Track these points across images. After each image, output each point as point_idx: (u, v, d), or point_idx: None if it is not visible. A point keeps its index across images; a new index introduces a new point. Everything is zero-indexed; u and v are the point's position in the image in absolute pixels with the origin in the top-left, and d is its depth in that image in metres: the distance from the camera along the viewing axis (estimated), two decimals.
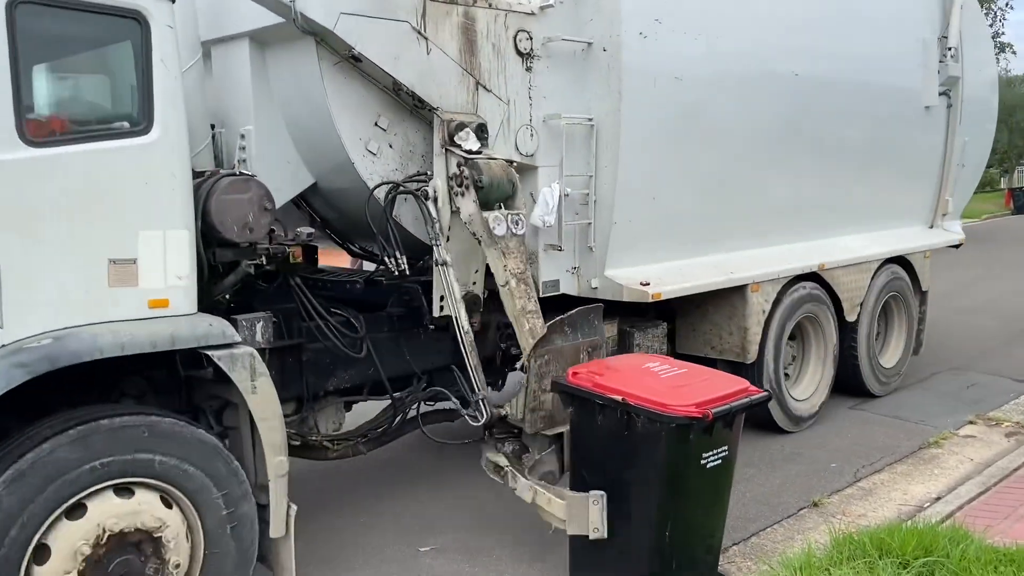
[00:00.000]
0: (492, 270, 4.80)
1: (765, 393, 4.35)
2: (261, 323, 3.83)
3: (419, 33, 4.65)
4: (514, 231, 4.78)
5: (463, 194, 4.68)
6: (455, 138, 4.71)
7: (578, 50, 5.39)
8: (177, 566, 3.42)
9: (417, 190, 4.72)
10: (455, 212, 4.73)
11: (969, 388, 8.15)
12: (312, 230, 4.61)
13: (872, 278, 7.56)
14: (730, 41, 6.01)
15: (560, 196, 5.25)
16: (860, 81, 7.13)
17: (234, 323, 3.77)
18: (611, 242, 5.54)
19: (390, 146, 4.82)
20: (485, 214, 4.67)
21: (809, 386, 7.17)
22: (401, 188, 4.72)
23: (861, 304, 7.44)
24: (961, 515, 5.02)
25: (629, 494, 4.04)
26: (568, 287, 5.60)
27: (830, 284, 7.08)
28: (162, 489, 3.40)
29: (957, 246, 8.76)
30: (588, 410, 4.16)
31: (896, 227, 8.05)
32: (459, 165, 4.66)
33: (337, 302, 4.88)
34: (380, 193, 4.70)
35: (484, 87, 5.02)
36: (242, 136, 4.73)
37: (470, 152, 4.71)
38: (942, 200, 8.44)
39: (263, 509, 3.72)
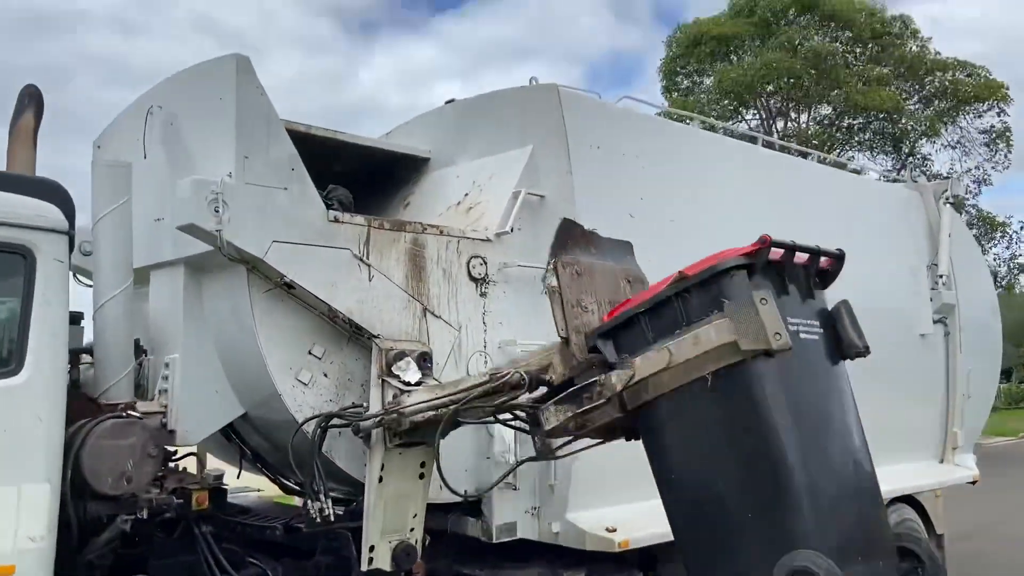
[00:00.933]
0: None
1: None
2: None
3: (361, 260, 4.47)
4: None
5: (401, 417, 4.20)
6: (393, 368, 4.37)
7: (536, 276, 5.16)
8: None
9: (350, 424, 4.29)
10: (389, 449, 4.28)
11: None
12: (221, 472, 4.16)
13: None
14: None
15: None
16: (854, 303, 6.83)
17: None
18: (574, 479, 5.03)
19: (325, 375, 4.48)
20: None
21: None
22: (332, 421, 4.31)
23: None
24: None
25: None
26: (527, 531, 5.02)
27: None
28: None
29: (972, 483, 8.07)
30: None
31: (900, 462, 7.43)
32: (395, 397, 4.28)
33: (257, 551, 4.35)
34: (309, 426, 4.29)
35: (432, 313, 4.76)
36: (166, 365, 4.44)
37: (408, 384, 4.34)
38: (950, 433, 7.88)
39: None
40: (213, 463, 4.90)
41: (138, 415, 3.83)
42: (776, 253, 3.24)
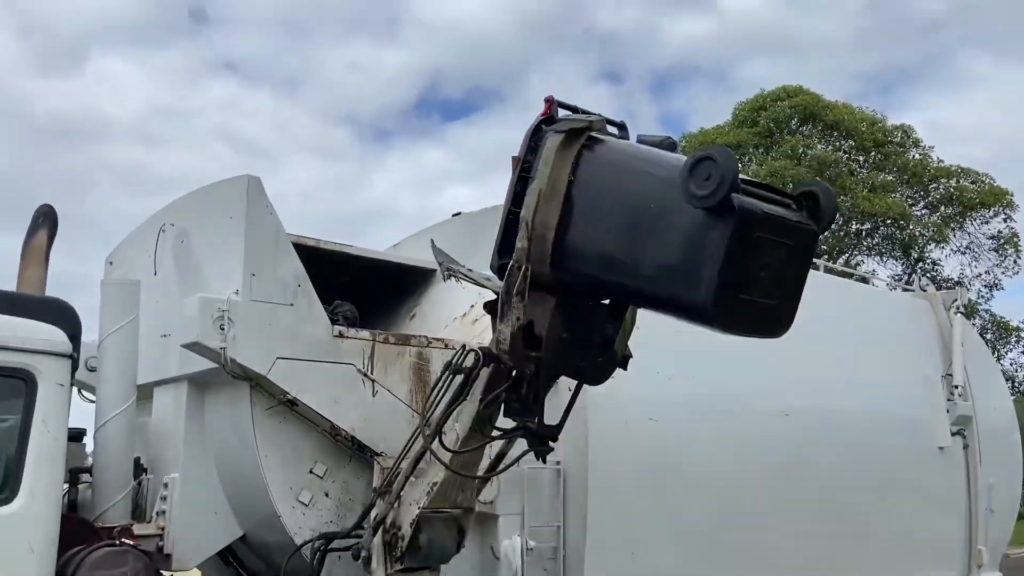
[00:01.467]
0: None
1: None
2: None
3: (365, 375, 4.43)
4: None
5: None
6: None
7: None
8: None
9: (351, 548, 4.14)
10: (391, 574, 4.06)
11: None
12: None
13: None
14: (710, 381, 5.73)
15: (523, 551, 4.67)
16: (863, 414, 6.71)
17: None
18: None
19: (326, 495, 4.38)
20: None
21: None
22: (332, 544, 4.17)
23: None
24: None
25: None
26: None
27: None
28: None
29: None
30: None
31: None
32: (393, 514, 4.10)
33: None
34: (308, 549, 4.15)
35: None
36: (165, 485, 4.35)
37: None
38: (975, 550, 7.57)
39: None
40: None
41: (131, 544, 3.72)
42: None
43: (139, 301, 4.37)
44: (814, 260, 8.81)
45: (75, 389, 4.63)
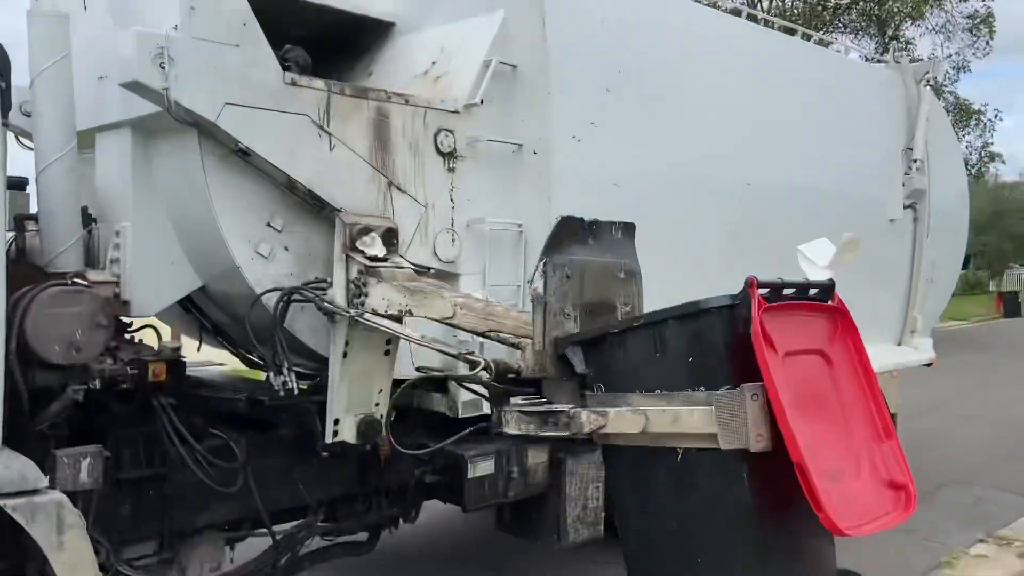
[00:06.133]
0: (435, 317, 3.91)
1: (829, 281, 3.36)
2: (88, 459, 3.24)
3: (321, 128, 4.22)
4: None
5: (365, 298, 4.09)
6: (358, 243, 4.19)
7: (507, 151, 4.97)
8: None
9: (313, 297, 4.15)
10: (352, 326, 4.17)
11: (976, 502, 8.12)
12: (179, 345, 4.05)
13: None
14: (675, 148, 5.64)
15: None
16: (820, 188, 6.77)
17: (53, 459, 3.17)
18: None
19: (285, 248, 4.32)
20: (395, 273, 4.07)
21: None
22: (295, 295, 4.18)
23: None
24: None
25: None
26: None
27: None
28: None
29: (928, 365, 8.27)
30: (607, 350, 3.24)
31: None
32: (360, 273, 4.15)
33: (220, 423, 4.31)
34: (270, 300, 4.16)
35: (398, 188, 4.56)
36: (117, 233, 4.23)
37: (374, 259, 4.18)
38: (910, 316, 8.00)
39: None
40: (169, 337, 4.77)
41: (85, 283, 3.65)
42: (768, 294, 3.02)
43: (69, 37, 4.01)
44: (791, 27, 8.52)
45: (11, 135, 4.38)
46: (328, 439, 4.25)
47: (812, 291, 3.26)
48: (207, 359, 6.39)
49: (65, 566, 2.98)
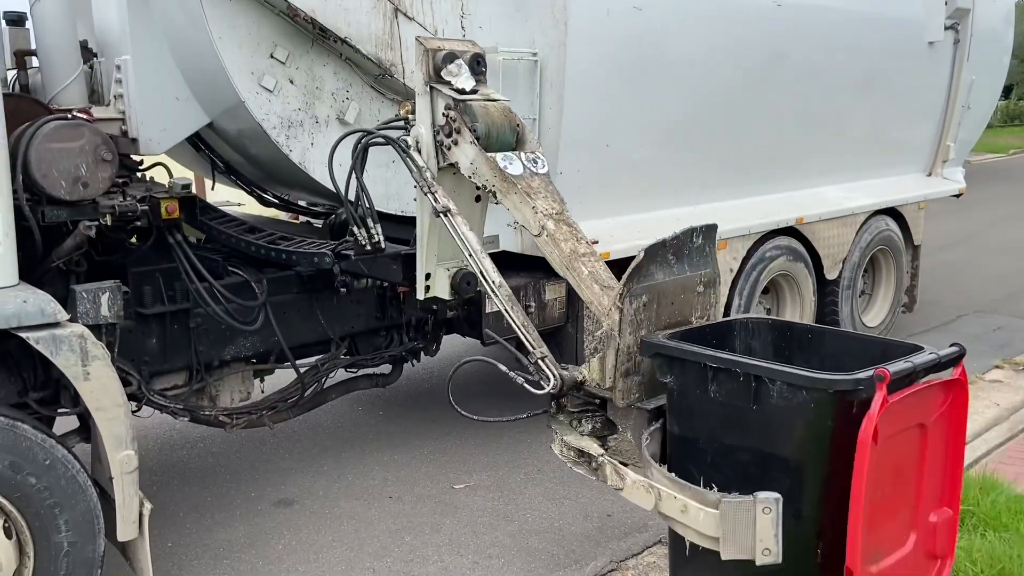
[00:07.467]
0: (519, 221, 3.63)
1: (957, 348, 2.97)
2: (107, 294, 3.28)
3: None
4: (534, 170, 3.61)
5: (457, 141, 3.57)
6: (443, 73, 3.62)
7: None
8: None
9: (397, 140, 3.70)
10: (442, 168, 3.70)
11: (995, 331, 8.06)
12: (189, 181, 4.01)
13: (858, 232, 6.94)
14: None
15: None
16: (855, 10, 6.38)
17: (73, 295, 3.23)
18: None
19: (291, 81, 4.18)
20: (491, 154, 3.52)
21: None
22: (375, 137, 3.74)
23: (844, 260, 6.84)
24: (990, 462, 5.02)
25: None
26: (509, 243, 5.03)
27: (809, 239, 6.48)
28: None
29: (957, 195, 8.08)
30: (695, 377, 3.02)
31: (888, 175, 7.38)
32: (448, 108, 3.58)
33: (239, 261, 4.34)
34: (347, 143, 3.80)
35: (405, 14, 4.35)
36: (118, 67, 4.11)
37: (462, 92, 3.61)
38: (943, 146, 7.73)
39: None
40: (180, 172, 4.72)
41: (86, 118, 3.58)
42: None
43: None
44: None
45: None
46: (420, 295, 3.89)
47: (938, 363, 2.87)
48: (226, 200, 6.41)
49: (92, 395, 3.09)
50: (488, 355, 3.81)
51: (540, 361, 3.31)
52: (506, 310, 3.43)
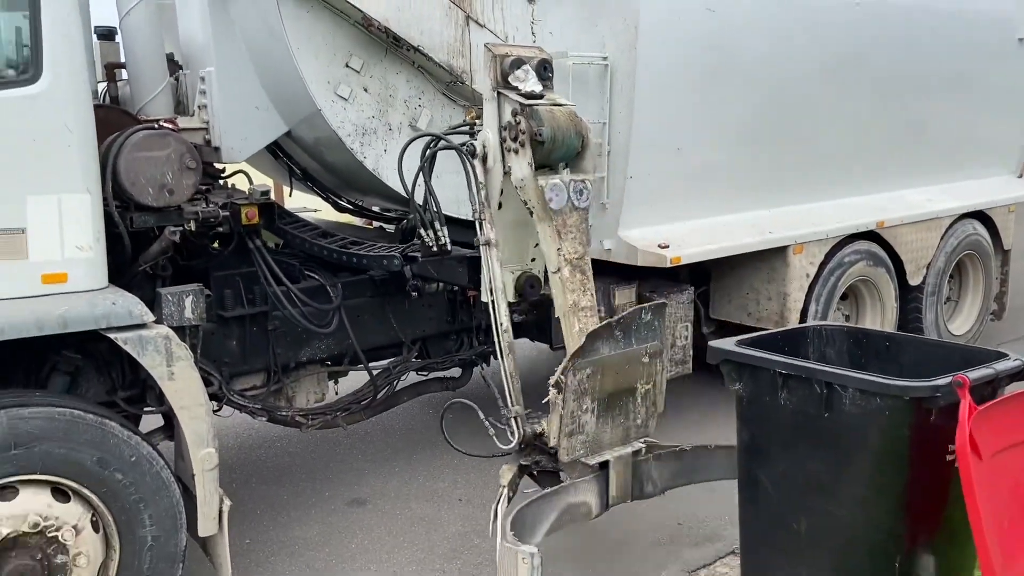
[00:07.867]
0: (543, 250, 3.75)
1: None
2: (191, 297, 3.42)
3: None
4: (576, 203, 3.68)
5: (518, 150, 3.59)
6: (510, 78, 3.65)
7: None
8: (85, 561, 3.10)
9: (462, 145, 3.78)
10: (507, 172, 3.74)
11: None
12: (268, 188, 4.13)
13: (943, 236, 6.69)
14: None
15: None
16: (938, 8, 6.17)
17: (159, 298, 3.37)
18: (626, 198, 4.92)
19: (365, 90, 4.28)
20: (541, 181, 3.59)
21: None
22: (443, 143, 3.81)
23: (928, 265, 6.60)
24: None
25: (830, 507, 2.84)
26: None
27: (890, 244, 6.27)
28: (53, 483, 3.06)
29: None
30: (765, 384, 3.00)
31: (975, 177, 7.10)
32: (514, 114, 3.59)
33: (315, 266, 4.46)
34: (415, 148, 3.88)
35: (476, 22, 4.40)
36: (202, 79, 4.27)
37: (530, 96, 3.64)
38: None
39: None
40: (260, 179, 4.87)
41: (172, 127, 3.74)
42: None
43: None
44: None
45: None
46: (484, 298, 3.85)
47: None
48: (303, 206, 6.57)
49: (176, 394, 3.22)
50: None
51: (512, 419, 3.69)
52: (501, 356, 3.72)
